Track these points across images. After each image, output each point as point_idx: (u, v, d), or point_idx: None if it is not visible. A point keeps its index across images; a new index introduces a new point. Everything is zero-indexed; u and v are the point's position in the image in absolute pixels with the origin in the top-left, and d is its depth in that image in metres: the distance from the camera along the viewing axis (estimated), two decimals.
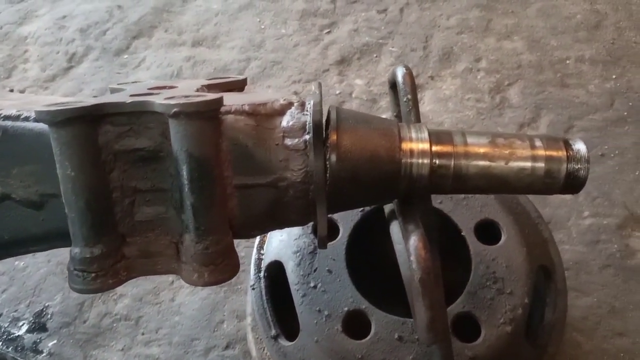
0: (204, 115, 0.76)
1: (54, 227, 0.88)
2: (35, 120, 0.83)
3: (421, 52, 2.43)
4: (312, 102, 0.84)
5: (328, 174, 0.86)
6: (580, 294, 1.73)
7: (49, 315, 1.79)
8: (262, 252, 1.41)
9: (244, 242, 1.83)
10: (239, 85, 1.08)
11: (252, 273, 1.38)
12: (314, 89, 0.94)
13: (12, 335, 1.73)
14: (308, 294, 1.26)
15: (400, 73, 1.03)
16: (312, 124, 0.83)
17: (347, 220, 1.36)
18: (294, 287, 1.28)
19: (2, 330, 1.74)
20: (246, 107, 0.85)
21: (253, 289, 1.36)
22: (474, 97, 2.26)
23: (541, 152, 0.89)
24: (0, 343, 1.71)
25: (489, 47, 2.43)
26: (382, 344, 1.19)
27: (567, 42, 2.45)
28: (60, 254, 1.87)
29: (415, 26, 2.53)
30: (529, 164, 0.89)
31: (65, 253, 0.85)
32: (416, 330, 0.84)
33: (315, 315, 1.23)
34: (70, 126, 0.76)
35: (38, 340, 1.73)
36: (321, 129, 0.83)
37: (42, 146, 0.82)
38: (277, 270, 1.35)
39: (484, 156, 0.90)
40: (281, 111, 0.87)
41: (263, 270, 1.37)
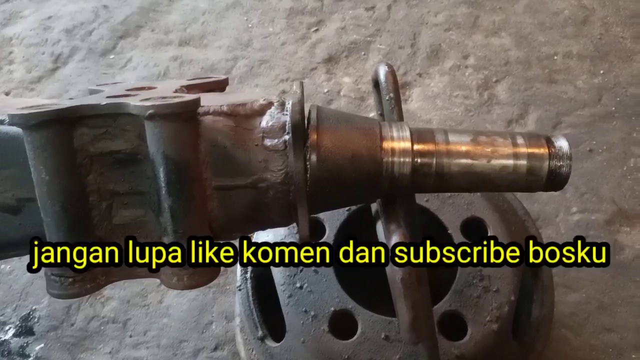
0: (180, 117, 0.75)
1: (31, 232, 0.87)
2: (10, 123, 0.82)
3: (409, 49, 2.43)
4: (291, 102, 0.83)
5: (309, 175, 0.85)
6: (569, 290, 1.73)
7: (36, 319, 1.78)
8: None
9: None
10: (220, 85, 1.07)
11: (238, 274, 1.38)
12: (295, 88, 0.93)
13: None
14: (294, 295, 1.25)
15: (382, 71, 1.02)
16: (290, 124, 0.82)
17: (333, 219, 1.35)
18: (279, 288, 1.27)
19: None
20: (225, 108, 0.84)
21: (240, 289, 1.36)
22: (462, 94, 2.26)
23: (523, 150, 0.89)
24: None
25: (477, 44, 2.43)
26: (368, 343, 1.18)
27: (554, 37, 2.44)
28: None
29: (402, 23, 2.53)
30: (511, 162, 0.89)
31: None
32: (399, 330, 0.83)
33: (301, 316, 1.23)
34: (44, 129, 0.75)
35: (25, 344, 1.71)
36: (300, 129, 0.82)
37: (17, 150, 0.81)
38: (262, 271, 1.34)
39: (466, 154, 0.89)
40: (261, 111, 0.87)
41: (249, 271, 1.36)
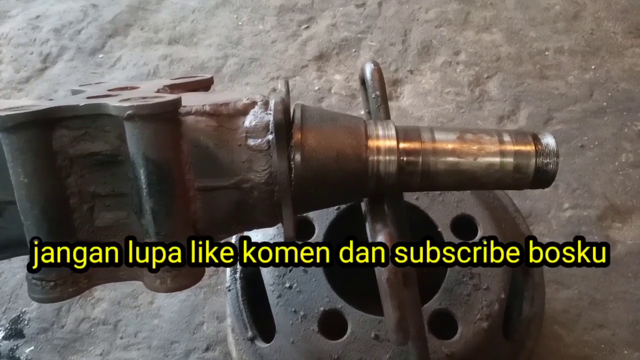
0: (160, 117, 0.74)
1: (13, 235, 0.85)
2: None
3: (400, 46, 2.42)
4: (274, 101, 0.82)
5: (293, 175, 0.84)
6: (561, 286, 1.73)
7: (26, 321, 1.76)
8: None
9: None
10: (205, 84, 1.05)
11: (227, 274, 1.37)
12: (280, 87, 0.92)
13: None
14: (283, 295, 1.24)
15: (368, 69, 1.01)
16: (273, 123, 0.81)
17: (323, 218, 1.34)
18: (269, 288, 1.26)
19: None
20: (207, 108, 0.83)
21: (229, 290, 1.35)
22: (453, 91, 2.25)
23: (510, 147, 0.88)
24: None
25: (468, 40, 2.42)
26: (358, 343, 1.18)
27: (545, 33, 2.44)
28: None
29: (393, 20, 2.51)
30: (497, 160, 0.88)
31: None
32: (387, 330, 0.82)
33: (291, 316, 1.22)
34: (21, 131, 0.73)
35: (15, 347, 1.70)
36: (282, 128, 0.81)
37: None
38: (252, 271, 1.33)
39: (452, 152, 0.88)
40: (244, 111, 0.85)
41: (239, 271, 1.35)
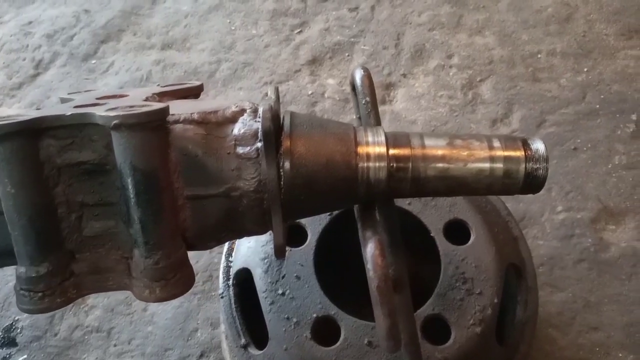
0: (147, 126, 0.74)
1: (2, 245, 0.85)
2: None
3: (393, 49, 2.42)
4: (262, 108, 0.82)
5: (282, 182, 0.84)
6: (555, 289, 1.73)
7: (19, 329, 1.75)
8: (230, 259, 1.38)
9: (216, 249, 1.80)
10: (195, 91, 1.05)
11: (220, 281, 1.36)
12: (269, 93, 0.92)
13: None
14: (276, 302, 1.24)
15: (358, 75, 1.01)
16: (262, 130, 0.80)
17: (315, 224, 1.33)
18: (262, 295, 1.26)
19: None
20: (196, 116, 0.83)
21: (222, 297, 1.34)
22: (446, 94, 2.25)
23: (499, 153, 0.88)
24: None
25: (461, 43, 2.42)
26: (351, 349, 1.17)
27: (538, 35, 2.44)
28: None
29: (386, 24, 2.52)
30: (487, 165, 0.88)
31: None
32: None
33: (283, 323, 1.21)
34: (7, 142, 0.73)
35: (8, 356, 1.69)
36: (271, 136, 0.81)
37: None
38: (245, 278, 1.32)
39: (442, 158, 0.88)
40: (233, 119, 0.85)
41: (232, 278, 1.35)
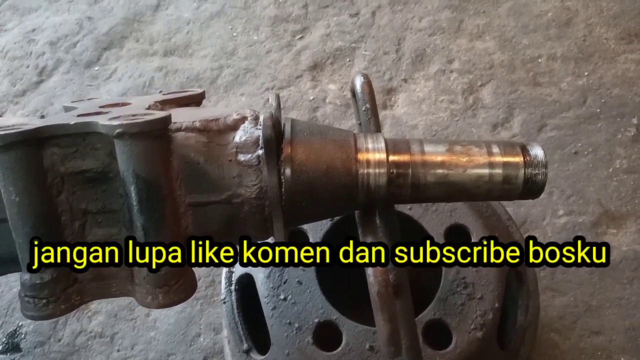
0: (149, 135, 0.75)
1: (5, 253, 0.86)
2: None
3: (394, 54, 2.43)
4: (263, 116, 0.83)
5: (283, 189, 0.85)
6: (557, 293, 1.73)
7: (23, 335, 1.76)
8: None
9: None
10: (196, 99, 1.06)
11: (223, 286, 1.37)
12: (270, 100, 0.92)
13: None
14: (278, 307, 1.25)
15: (358, 82, 1.02)
16: (263, 138, 0.81)
17: (317, 229, 1.34)
18: (263, 300, 1.27)
19: None
20: (197, 124, 0.84)
21: (224, 302, 1.35)
22: (447, 99, 2.26)
23: (498, 159, 0.89)
24: None
25: (461, 48, 2.43)
26: (353, 354, 1.18)
27: (538, 40, 2.45)
28: None
29: (387, 29, 2.53)
30: (486, 171, 0.89)
31: None
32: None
33: (285, 328, 1.22)
34: (12, 150, 0.74)
35: None
36: (272, 143, 0.81)
37: None
38: (247, 283, 1.33)
39: (441, 164, 0.89)
40: (234, 126, 0.86)
41: (234, 283, 1.36)
